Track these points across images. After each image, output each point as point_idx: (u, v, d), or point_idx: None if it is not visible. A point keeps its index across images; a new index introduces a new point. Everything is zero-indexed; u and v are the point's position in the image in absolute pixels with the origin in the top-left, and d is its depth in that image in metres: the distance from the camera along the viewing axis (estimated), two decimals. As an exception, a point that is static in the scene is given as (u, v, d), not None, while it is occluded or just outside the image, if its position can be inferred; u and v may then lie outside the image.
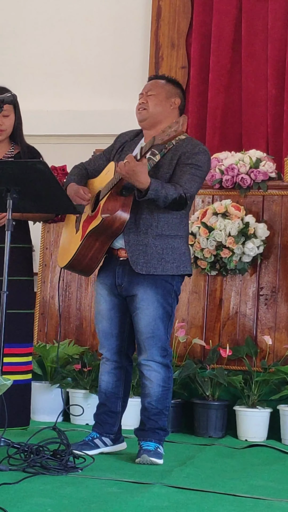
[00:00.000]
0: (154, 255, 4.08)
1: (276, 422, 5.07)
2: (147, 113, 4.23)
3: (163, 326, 4.11)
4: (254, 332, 5.41)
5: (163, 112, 4.24)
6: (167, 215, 4.11)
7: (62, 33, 7.38)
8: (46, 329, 5.88)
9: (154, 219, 4.10)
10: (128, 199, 4.04)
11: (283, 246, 5.42)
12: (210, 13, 6.97)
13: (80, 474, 3.61)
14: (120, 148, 4.33)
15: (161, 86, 4.29)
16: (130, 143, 4.32)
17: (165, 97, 4.26)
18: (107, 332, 4.23)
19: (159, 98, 4.24)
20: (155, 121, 4.22)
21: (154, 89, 4.27)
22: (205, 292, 5.56)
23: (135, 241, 4.09)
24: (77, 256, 4.14)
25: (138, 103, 4.27)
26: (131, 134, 4.38)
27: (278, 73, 6.71)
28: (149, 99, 4.24)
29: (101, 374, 4.29)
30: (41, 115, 7.17)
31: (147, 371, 4.13)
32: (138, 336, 4.13)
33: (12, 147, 4.66)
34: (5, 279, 3.91)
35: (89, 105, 7.08)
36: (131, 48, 7.23)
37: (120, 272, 4.15)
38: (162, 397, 4.13)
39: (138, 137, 4.33)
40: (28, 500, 3.04)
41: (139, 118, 4.27)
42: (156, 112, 4.22)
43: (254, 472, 4.00)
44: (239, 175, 5.50)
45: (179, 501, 3.21)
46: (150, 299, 4.09)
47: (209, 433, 5.12)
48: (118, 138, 4.40)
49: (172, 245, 4.12)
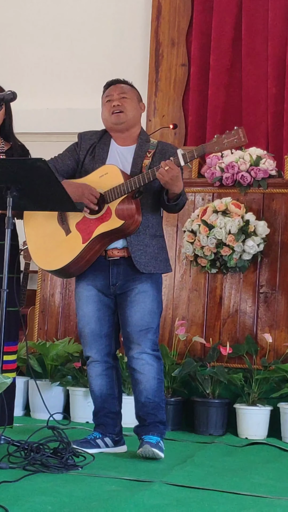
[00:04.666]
0: (152, 255, 4.16)
1: (276, 420, 5.07)
2: (125, 116, 4.23)
3: (156, 319, 4.17)
4: (254, 330, 5.41)
5: (137, 116, 4.30)
6: (156, 216, 4.22)
7: (62, 31, 7.38)
8: (46, 327, 5.88)
9: (148, 220, 4.17)
10: (139, 202, 4.11)
11: (283, 244, 5.42)
12: (210, 11, 6.97)
13: (80, 472, 3.61)
14: (90, 149, 4.29)
15: (131, 90, 4.32)
16: (99, 144, 4.28)
17: (137, 101, 4.31)
18: (96, 333, 4.21)
19: (133, 101, 4.28)
20: (130, 125, 4.26)
21: (127, 93, 4.28)
22: (205, 290, 5.56)
23: (136, 242, 4.11)
24: (76, 260, 4.11)
25: (112, 105, 4.24)
26: (96, 134, 4.34)
27: (278, 71, 6.72)
28: (125, 102, 4.24)
29: (92, 379, 4.25)
30: (41, 113, 7.17)
31: (141, 365, 4.12)
32: (130, 329, 4.12)
33: (2, 143, 4.62)
34: (5, 277, 3.90)
35: (89, 103, 7.05)
36: (131, 46, 7.24)
37: (115, 271, 4.15)
38: (157, 389, 4.14)
39: (104, 139, 4.30)
40: (28, 498, 3.04)
41: (115, 121, 4.23)
42: (132, 116, 4.26)
43: (255, 470, 4.00)
44: (240, 173, 5.50)
45: (179, 499, 3.21)
46: (147, 292, 4.13)
47: (210, 431, 5.12)
48: (83, 138, 4.34)
49: (162, 244, 4.24)
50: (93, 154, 4.27)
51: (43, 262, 4.25)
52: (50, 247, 4.22)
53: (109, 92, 4.29)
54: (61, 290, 5.86)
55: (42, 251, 4.25)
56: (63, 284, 5.86)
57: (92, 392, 4.28)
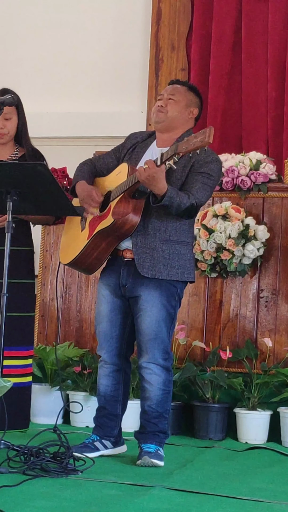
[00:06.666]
0: (160, 260, 4.08)
1: (276, 424, 5.06)
2: (164, 117, 4.21)
3: (166, 328, 4.11)
4: (254, 334, 5.41)
5: (180, 119, 4.23)
6: (176, 221, 4.11)
7: (63, 35, 7.38)
8: (46, 331, 5.87)
9: (162, 223, 4.10)
10: (140, 203, 4.05)
11: (283, 248, 5.42)
12: (210, 15, 6.97)
13: (80, 476, 3.61)
14: (131, 148, 4.31)
15: (183, 93, 4.27)
16: (142, 144, 4.30)
17: (185, 105, 4.25)
18: (107, 334, 4.22)
19: (180, 104, 4.24)
20: (170, 126, 4.22)
21: (176, 95, 4.25)
22: (205, 295, 5.55)
23: (142, 244, 4.08)
24: (82, 255, 4.15)
25: (158, 105, 4.25)
26: (143, 134, 4.38)
27: (278, 75, 6.71)
28: (169, 104, 4.23)
29: (100, 377, 4.27)
30: (41, 117, 7.17)
31: (148, 374, 4.11)
32: (140, 337, 4.12)
33: (16, 149, 4.64)
34: (5, 282, 3.91)
35: (90, 107, 7.08)
36: (131, 50, 7.23)
37: (125, 272, 4.14)
38: (162, 400, 4.12)
39: (150, 139, 4.32)
40: (28, 503, 3.04)
41: (155, 119, 4.25)
42: (173, 117, 4.22)
43: (254, 475, 3.99)
44: (239, 177, 5.50)
45: (179, 503, 3.21)
46: (154, 300, 4.08)
47: (209, 436, 5.12)
48: (129, 138, 4.39)
49: (179, 251, 4.13)
50: (132, 153, 4.28)
51: (62, 256, 4.36)
52: (68, 242, 4.33)
53: (162, 92, 4.32)
54: (61, 294, 5.86)
55: (63, 246, 4.40)
56: (62, 288, 5.86)
57: (98, 390, 4.30)
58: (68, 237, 4.38)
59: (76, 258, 4.18)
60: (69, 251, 4.28)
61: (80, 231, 4.25)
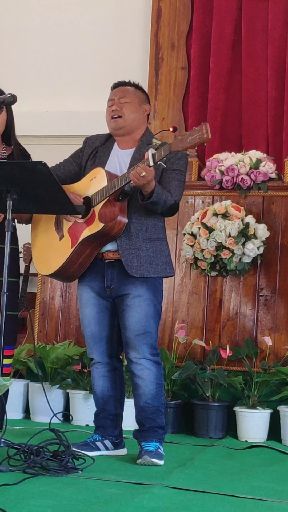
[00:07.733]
0: (146, 259, 4.11)
1: (276, 423, 5.07)
2: (123, 122, 4.21)
3: (154, 323, 4.14)
4: (254, 333, 5.41)
5: (138, 119, 4.25)
6: (154, 219, 4.15)
7: (62, 34, 7.38)
8: (46, 330, 5.88)
9: (143, 223, 4.13)
10: (125, 204, 4.07)
11: (283, 246, 5.42)
12: (210, 14, 6.97)
13: (80, 475, 3.61)
14: (92, 154, 4.29)
15: (132, 92, 4.27)
16: (102, 148, 4.29)
17: (138, 104, 4.26)
18: (96, 336, 4.22)
19: (134, 105, 4.24)
20: (131, 129, 4.23)
21: (127, 96, 4.24)
22: (205, 293, 5.56)
23: (127, 245, 4.09)
24: (68, 263, 4.13)
25: (111, 110, 4.23)
26: (100, 138, 4.34)
27: (278, 74, 6.72)
28: (124, 107, 4.22)
29: (94, 379, 4.27)
30: (40, 116, 7.17)
31: (140, 370, 4.11)
32: (128, 333, 4.12)
33: (4, 148, 4.61)
34: (5, 280, 3.90)
35: (89, 107, 7.08)
36: (131, 49, 7.24)
37: (109, 274, 4.15)
38: (157, 394, 4.13)
39: (109, 142, 4.30)
40: (28, 501, 3.04)
41: (114, 127, 4.24)
42: (132, 119, 4.22)
43: (254, 473, 3.99)
44: (239, 176, 5.51)
45: (179, 502, 3.20)
46: (142, 296, 4.10)
47: (209, 434, 5.12)
48: (86, 143, 4.36)
49: (160, 248, 4.18)
50: (94, 158, 4.27)
51: (41, 267, 4.31)
52: (47, 252, 4.27)
53: (111, 96, 4.30)
54: (61, 293, 5.86)
55: (41, 257, 4.32)
56: (63, 287, 5.86)
57: (94, 393, 4.30)
58: (43, 247, 4.30)
59: (61, 267, 4.15)
60: (49, 261, 4.23)
61: (58, 240, 4.21)
